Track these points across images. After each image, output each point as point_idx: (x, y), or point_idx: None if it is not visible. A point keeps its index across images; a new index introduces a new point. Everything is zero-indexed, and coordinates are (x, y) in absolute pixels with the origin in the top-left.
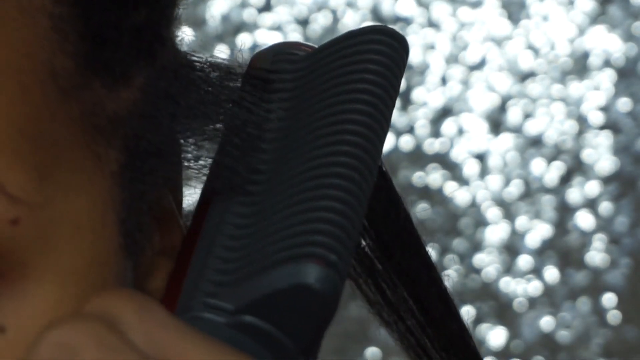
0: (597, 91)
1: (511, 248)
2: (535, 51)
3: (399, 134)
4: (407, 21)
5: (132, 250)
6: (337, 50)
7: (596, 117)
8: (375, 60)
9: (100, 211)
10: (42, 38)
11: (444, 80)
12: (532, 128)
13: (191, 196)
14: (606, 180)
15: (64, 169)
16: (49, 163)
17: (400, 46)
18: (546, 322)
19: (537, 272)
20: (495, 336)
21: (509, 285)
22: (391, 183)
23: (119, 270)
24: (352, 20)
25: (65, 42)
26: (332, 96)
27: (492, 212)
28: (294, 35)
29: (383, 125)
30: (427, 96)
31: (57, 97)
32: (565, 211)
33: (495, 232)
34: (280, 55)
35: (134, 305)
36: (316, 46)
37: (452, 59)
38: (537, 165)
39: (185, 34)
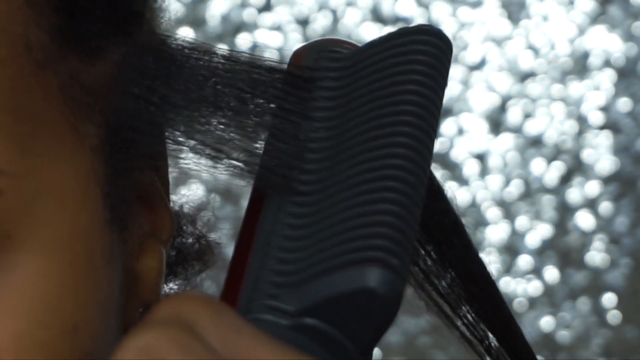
0: (597, 91)
1: (511, 248)
2: (535, 51)
3: None
4: (407, 21)
5: (119, 225)
6: (382, 50)
7: (596, 117)
8: (423, 61)
9: (83, 183)
10: (16, 12)
11: None
12: (532, 128)
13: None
14: (606, 180)
15: (45, 141)
16: (29, 135)
17: (445, 46)
18: (546, 322)
19: (537, 272)
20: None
21: (509, 285)
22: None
23: (105, 243)
24: (352, 20)
25: (40, 16)
26: (381, 97)
27: (492, 212)
28: (294, 35)
29: (433, 125)
30: None
31: (34, 70)
32: (565, 211)
33: (495, 232)
34: (323, 53)
35: (209, 310)
36: (358, 44)
37: (452, 59)
38: (537, 165)
39: (186, 34)
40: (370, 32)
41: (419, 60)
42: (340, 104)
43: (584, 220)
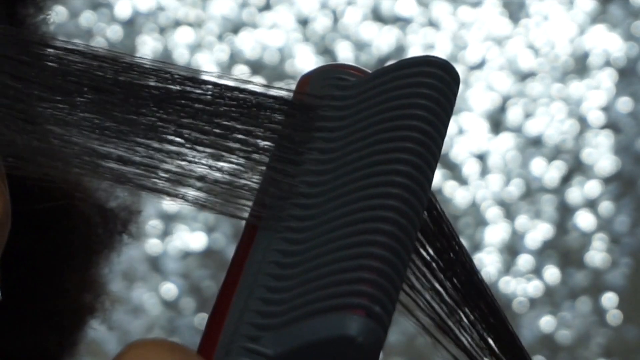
0: (597, 91)
1: (511, 248)
2: (535, 51)
3: None
4: (407, 21)
5: None
6: (387, 80)
7: (596, 117)
8: (427, 95)
9: None
10: None
11: None
12: (532, 128)
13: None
14: (606, 180)
15: None
16: None
17: (451, 79)
18: (546, 322)
19: (537, 272)
20: None
21: (509, 285)
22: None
23: None
24: (352, 20)
25: None
26: (380, 132)
27: (492, 212)
28: (294, 35)
29: (431, 163)
30: None
31: None
32: (565, 211)
33: (495, 232)
34: (331, 80)
35: (174, 358)
36: (368, 70)
37: (452, 59)
38: (537, 165)
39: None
40: (370, 32)
41: (422, 94)
42: (342, 136)
43: (584, 220)
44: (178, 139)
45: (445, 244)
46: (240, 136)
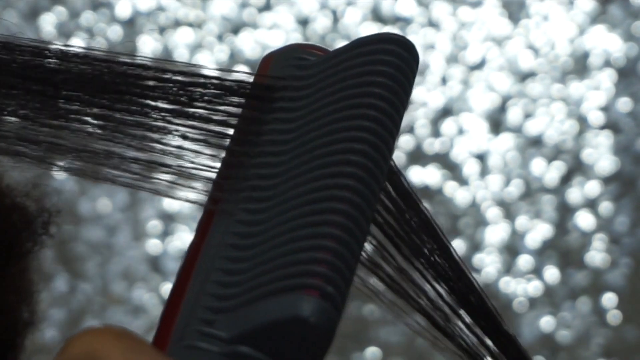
0: (597, 91)
1: (511, 248)
2: (535, 51)
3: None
4: (407, 21)
5: None
6: (346, 59)
7: (596, 117)
8: (384, 73)
9: None
10: None
11: (444, 80)
12: (532, 128)
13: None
14: (606, 180)
15: None
16: None
17: (410, 55)
18: (546, 322)
19: (537, 272)
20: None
21: (509, 285)
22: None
23: None
24: (352, 20)
25: None
26: (338, 111)
27: (492, 212)
28: (294, 35)
29: (388, 141)
30: (427, 96)
31: None
32: (565, 211)
33: (495, 232)
34: (292, 60)
35: (122, 345)
36: (329, 49)
37: (452, 59)
38: (537, 165)
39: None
40: (370, 32)
41: (379, 71)
42: (300, 117)
43: (584, 220)
44: (130, 120)
45: (406, 218)
46: (196, 122)
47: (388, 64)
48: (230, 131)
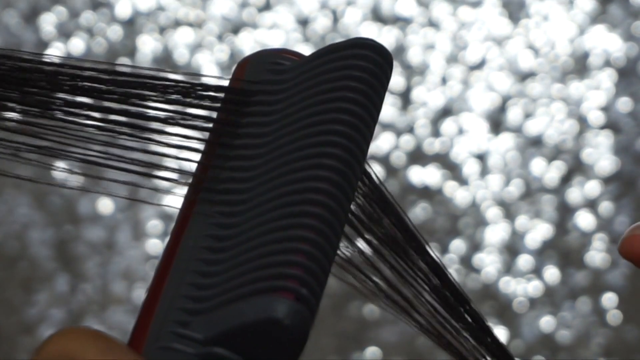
0: (597, 91)
1: (511, 248)
2: (535, 51)
3: (399, 133)
4: (407, 21)
5: None
6: (321, 64)
7: (596, 117)
8: (357, 77)
9: None
10: None
11: (444, 80)
12: (532, 128)
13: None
14: (606, 180)
15: None
16: None
17: (383, 60)
18: (546, 322)
19: (537, 272)
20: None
21: (509, 285)
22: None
23: None
24: (352, 20)
25: None
26: (311, 115)
27: (492, 212)
28: (294, 35)
29: (362, 146)
30: (427, 96)
31: None
32: (565, 211)
33: (495, 232)
34: (266, 65)
35: (96, 346)
36: (304, 54)
37: (452, 59)
38: (537, 165)
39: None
40: (370, 32)
41: (352, 76)
42: (274, 121)
43: (584, 220)
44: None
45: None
46: (172, 126)
47: (361, 69)
48: (205, 135)
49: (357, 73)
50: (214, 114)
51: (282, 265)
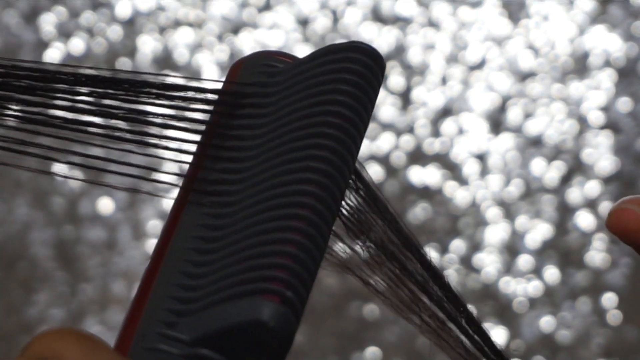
0: (597, 91)
1: (511, 248)
2: (535, 51)
3: (399, 133)
4: (407, 21)
5: None
6: (313, 66)
7: (596, 117)
8: (349, 81)
9: None
10: None
11: (444, 80)
12: (532, 128)
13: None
14: (606, 180)
15: None
16: None
17: (375, 64)
18: (546, 322)
19: (537, 272)
20: (495, 336)
21: (509, 285)
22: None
23: None
24: (352, 20)
25: None
26: (302, 118)
27: (492, 212)
28: (294, 35)
29: (350, 147)
30: (427, 96)
31: None
32: (565, 211)
33: (495, 232)
34: (259, 67)
35: (80, 346)
36: (297, 56)
37: (452, 59)
38: (537, 165)
39: (184, 34)
40: (370, 32)
41: (344, 79)
42: (266, 123)
43: (584, 220)
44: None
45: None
46: (166, 126)
47: (352, 72)
48: (197, 137)
49: (347, 76)
50: (207, 117)
51: (268, 267)
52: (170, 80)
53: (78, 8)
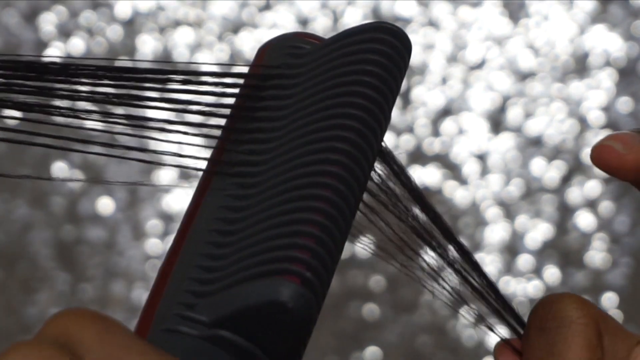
0: (597, 91)
1: (511, 248)
2: (535, 51)
3: (399, 133)
4: (407, 21)
5: None
6: (339, 47)
7: (596, 117)
8: (375, 62)
9: None
10: None
11: (444, 80)
12: (532, 128)
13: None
14: (606, 180)
15: None
16: None
17: (401, 45)
18: None
19: (537, 272)
20: (495, 336)
21: (509, 285)
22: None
23: None
24: (352, 20)
25: None
26: (328, 98)
27: (492, 212)
28: None
29: (376, 131)
30: (427, 96)
31: None
32: (565, 211)
33: (495, 232)
34: (287, 49)
35: (96, 327)
36: (324, 37)
37: (452, 59)
38: (537, 165)
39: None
40: None
41: (370, 59)
42: (292, 104)
43: (584, 220)
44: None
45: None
46: (195, 106)
47: (379, 52)
48: (223, 121)
49: (373, 57)
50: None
51: (289, 248)
52: (197, 66)
53: (78, 8)
